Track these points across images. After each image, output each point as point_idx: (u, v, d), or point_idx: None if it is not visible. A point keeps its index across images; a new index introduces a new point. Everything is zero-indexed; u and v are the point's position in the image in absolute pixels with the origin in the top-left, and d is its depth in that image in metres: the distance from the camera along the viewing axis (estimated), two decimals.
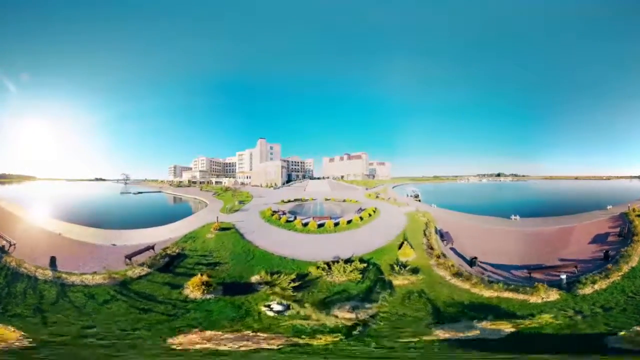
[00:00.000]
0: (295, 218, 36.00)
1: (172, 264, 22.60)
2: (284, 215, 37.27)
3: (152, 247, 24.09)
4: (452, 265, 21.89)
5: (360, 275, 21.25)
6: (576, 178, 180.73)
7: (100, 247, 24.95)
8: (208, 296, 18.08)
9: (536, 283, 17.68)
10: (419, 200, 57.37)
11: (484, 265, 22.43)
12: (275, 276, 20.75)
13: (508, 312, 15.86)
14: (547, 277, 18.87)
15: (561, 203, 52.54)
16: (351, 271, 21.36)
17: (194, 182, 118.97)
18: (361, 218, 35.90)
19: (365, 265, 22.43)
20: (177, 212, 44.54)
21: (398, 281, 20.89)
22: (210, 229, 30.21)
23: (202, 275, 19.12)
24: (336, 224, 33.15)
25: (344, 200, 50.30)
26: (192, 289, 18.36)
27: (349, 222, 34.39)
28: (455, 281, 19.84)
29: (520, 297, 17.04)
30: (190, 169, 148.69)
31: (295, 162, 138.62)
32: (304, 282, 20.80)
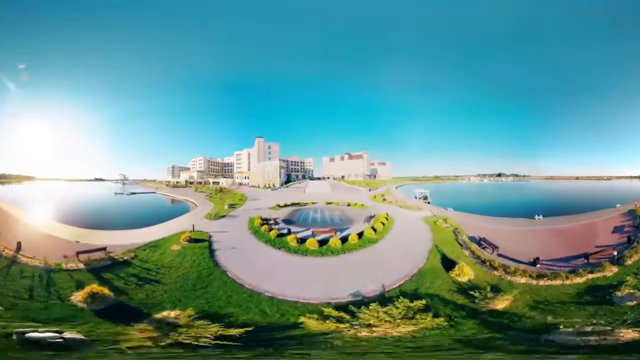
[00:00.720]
0: (289, 232, 28.32)
1: (110, 268, 21.22)
2: (275, 227, 30.47)
3: (104, 249, 23.59)
4: (524, 271, 20.38)
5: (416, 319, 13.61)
6: (577, 178, 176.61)
7: (66, 242, 25.55)
8: (90, 307, 16.13)
9: (603, 262, 20.53)
10: (429, 202, 51.75)
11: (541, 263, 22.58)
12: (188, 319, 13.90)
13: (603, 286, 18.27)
14: (598, 260, 21.73)
15: (570, 203, 51.89)
16: (404, 314, 13.60)
17: (191, 183, 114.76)
18: (374, 229, 28.47)
19: (420, 302, 15.03)
20: (165, 214, 39.90)
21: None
22: (180, 239, 25.29)
23: (98, 286, 17.34)
24: (344, 240, 25.46)
25: (349, 204, 43.17)
26: (79, 295, 16.61)
27: (360, 235, 26.71)
28: (544, 282, 19.08)
29: (600, 274, 19.52)
30: (189, 169, 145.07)
31: (294, 161, 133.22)
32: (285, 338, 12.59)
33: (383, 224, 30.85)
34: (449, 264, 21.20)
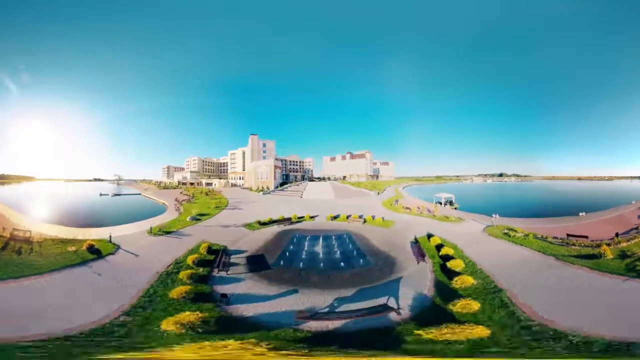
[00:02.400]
0: (226, 300, 12.78)
1: None
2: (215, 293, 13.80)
3: None
4: None
5: None
6: (579, 179, 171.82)
7: None
8: None
9: None
10: (456, 208, 39.97)
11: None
12: None
13: None
14: None
15: (585, 201, 47.77)
16: None
17: (184, 184, 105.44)
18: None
19: None
20: (133, 215, 31.95)
21: None
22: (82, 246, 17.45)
23: None
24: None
25: (364, 221, 28.11)
26: None
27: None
28: None
29: None
30: (184, 169, 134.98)
31: (293, 161, 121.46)
32: None
33: (454, 257, 16.18)
34: None
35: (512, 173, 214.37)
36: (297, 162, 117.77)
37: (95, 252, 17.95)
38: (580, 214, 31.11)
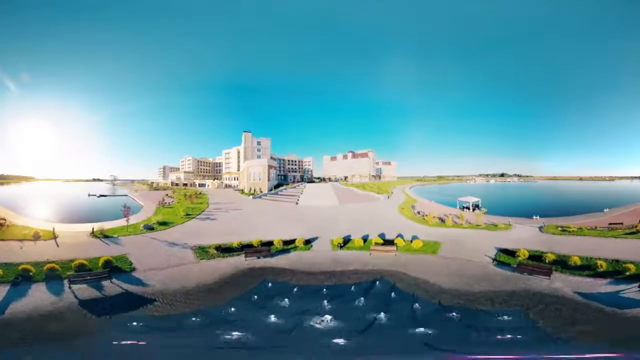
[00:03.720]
0: None
1: None
2: None
3: None
4: None
5: None
6: (580, 179, 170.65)
7: None
8: None
9: None
10: (484, 212, 29.05)
11: None
12: None
13: None
14: None
15: (600, 200, 46.53)
16: None
17: (177, 185, 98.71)
18: None
19: None
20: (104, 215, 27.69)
21: None
22: None
23: None
24: None
25: (395, 247, 17.32)
26: None
27: None
28: None
29: None
30: (179, 169, 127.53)
31: (291, 160, 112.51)
32: None
33: None
34: None
35: (513, 173, 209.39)
36: (295, 161, 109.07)
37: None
38: (605, 210, 32.33)
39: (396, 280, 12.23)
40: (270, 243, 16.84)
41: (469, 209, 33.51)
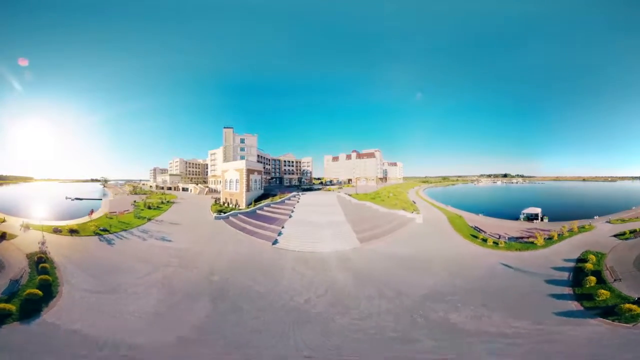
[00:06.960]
0: None
1: None
2: None
3: None
4: None
5: None
6: (583, 179, 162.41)
7: None
8: None
9: None
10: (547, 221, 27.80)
11: None
12: None
13: None
14: None
15: (620, 199, 45.09)
16: None
17: (162, 188, 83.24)
18: None
19: None
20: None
21: None
22: None
23: None
24: None
25: None
26: None
27: None
28: None
29: None
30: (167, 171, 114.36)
31: (288, 161, 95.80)
32: None
33: None
34: None
35: (516, 173, 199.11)
36: (292, 162, 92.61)
37: None
38: (633, 207, 32.25)
39: None
40: None
41: (534, 219, 28.96)
